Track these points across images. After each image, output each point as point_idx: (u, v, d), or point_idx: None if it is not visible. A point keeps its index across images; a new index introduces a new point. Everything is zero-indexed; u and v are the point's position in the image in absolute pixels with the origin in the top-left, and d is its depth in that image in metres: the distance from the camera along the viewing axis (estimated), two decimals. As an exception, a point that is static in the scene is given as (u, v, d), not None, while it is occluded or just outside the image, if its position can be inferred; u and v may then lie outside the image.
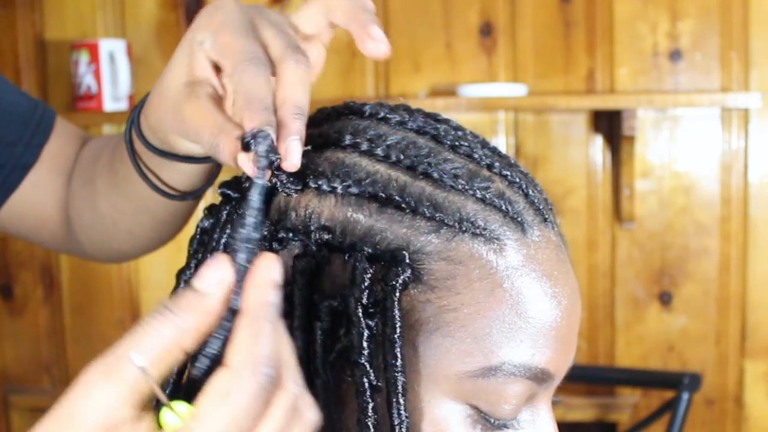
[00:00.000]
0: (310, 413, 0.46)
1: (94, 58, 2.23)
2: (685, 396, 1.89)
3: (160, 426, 0.44)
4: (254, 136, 0.51)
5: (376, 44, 0.57)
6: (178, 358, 0.44)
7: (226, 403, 0.43)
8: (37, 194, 0.90)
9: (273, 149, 0.51)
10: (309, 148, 0.58)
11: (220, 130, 0.55)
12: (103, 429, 0.42)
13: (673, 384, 1.93)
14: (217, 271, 0.45)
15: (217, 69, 0.59)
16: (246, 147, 0.52)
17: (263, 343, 0.44)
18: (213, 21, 0.58)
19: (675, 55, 2.27)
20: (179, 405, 0.44)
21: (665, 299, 2.32)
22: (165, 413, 0.43)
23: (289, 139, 0.53)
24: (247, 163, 0.53)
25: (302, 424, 0.45)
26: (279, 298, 0.46)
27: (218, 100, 0.59)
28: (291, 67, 0.56)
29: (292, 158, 0.53)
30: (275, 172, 0.56)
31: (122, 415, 0.43)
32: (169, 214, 0.81)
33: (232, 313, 0.45)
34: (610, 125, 2.28)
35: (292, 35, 0.59)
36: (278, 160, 0.52)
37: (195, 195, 0.76)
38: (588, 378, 2.15)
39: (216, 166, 0.74)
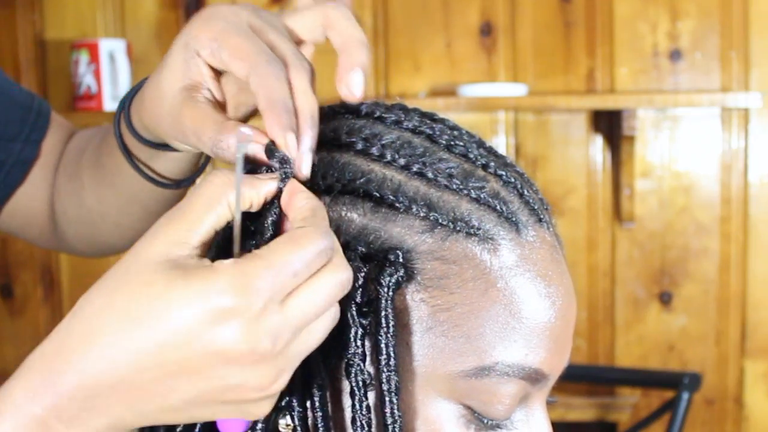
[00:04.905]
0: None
1: (94, 58, 2.23)
2: (685, 396, 1.89)
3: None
4: (282, 158, 0.53)
5: (349, 91, 0.57)
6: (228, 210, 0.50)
7: (294, 246, 0.48)
8: (30, 191, 0.90)
9: (290, 163, 0.54)
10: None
11: (222, 129, 0.55)
12: (160, 260, 0.47)
13: (673, 384, 1.93)
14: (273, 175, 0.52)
15: (215, 74, 0.59)
16: (269, 154, 0.53)
17: (323, 220, 0.50)
18: (211, 29, 0.57)
19: (675, 55, 2.27)
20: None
21: (665, 299, 2.32)
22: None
23: (304, 152, 0.54)
24: (258, 154, 0.53)
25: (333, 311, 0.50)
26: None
27: (216, 104, 0.59)
28: (300, 74, 0.56)
29: (304, 169, 0.54)
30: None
31: (182, 252, 0.48)
32: (158, 203, 0.81)
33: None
34: (610, 125, 2.28)
35: (292, 40, 0.59)
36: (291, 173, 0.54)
37: (189, 181, 0.76)
38: (588, 378, 2.15)
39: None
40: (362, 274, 0.54)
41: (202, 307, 0.46)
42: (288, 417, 0.56)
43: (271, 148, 0.53)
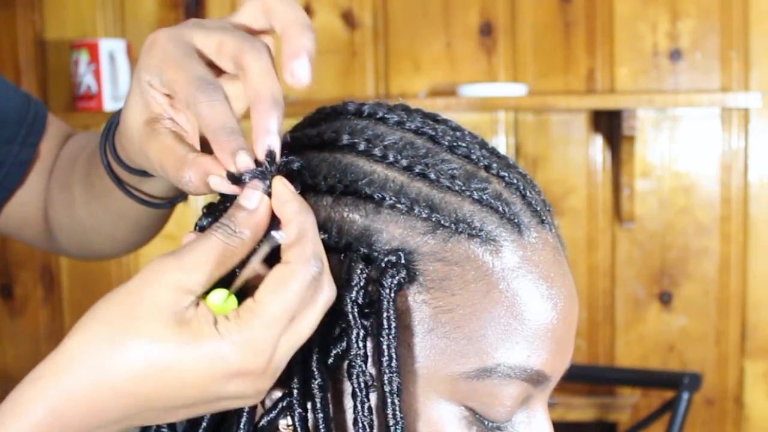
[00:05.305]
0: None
1: (94, 58, 2.23)
2: (685, 396, 1.89)
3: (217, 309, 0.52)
4: (253, 175, 0.53)
5: (295, 79, 0.55)
6: (234, 263, 0.52)
7: (283, 291, 0.50)
8: (26, 193, 0.90)
9: (264, 174, 0.53)
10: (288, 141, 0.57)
11: (182, 164, 0.55)
12: (168, 314, 0.49)
13: (673, 384, 1.93)
14: (258, 191, 0.52)
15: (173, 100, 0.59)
16: (237, 182, 0.53)
17: (310, 244, 0.51)
18: (154, 58, 0.57)
19: (675, 55, 2.27)
20: (219, 292, 0.52)
21: (665, 299, 2.32)
22: (211, 296, 0.51)
23: (266, 139, 0.53)
24: (221, 185, 0.53)
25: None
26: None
27: (178, 134, 0.58)
28: (253, 57, 0.54)
29: (273, 150, 0.53)
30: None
31: (185, 304, 0.50)
32: (150, 218, 0.81)
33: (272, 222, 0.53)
34: (610, 125, 2.28)
35: (240, 30, 0.57)
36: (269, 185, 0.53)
37: (183, 198, 0.76)
38: (588, 378, 2.15)
39: None
40: (364, 276, 0.54)
41: (213, 372, 0.50)
42: (289, 418, 0.56)
43: (234, 176, 0.52)
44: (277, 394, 0.57)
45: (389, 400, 0.54)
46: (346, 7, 2.33)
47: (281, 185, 0.53)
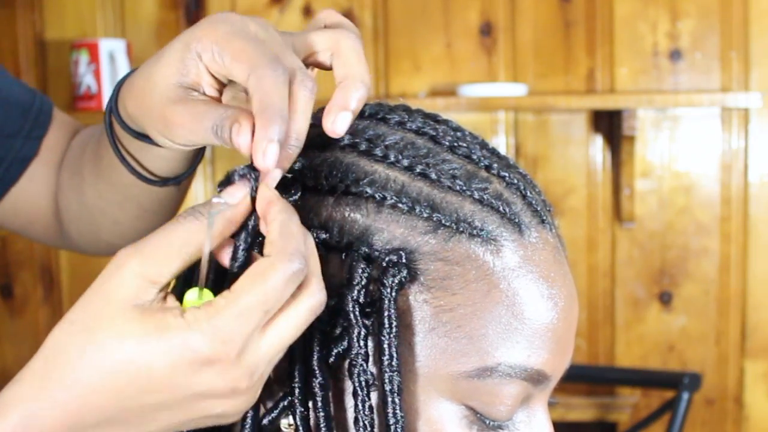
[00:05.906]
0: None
1: (94, 57, 2.23)
2: (685, 396, 1.89)
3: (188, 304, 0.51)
4: (244, 173, 0.53)
5: (333, 128, 0.56)
6: (199, 253, 0.51)
7: (260, 282, 0.48)
8: (33, 188, 0.89)
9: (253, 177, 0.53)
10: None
11: (229, 113, 0.54)
12: (130, 306, 0.48)
13: (673, 384, 1.94)
14: (245, 190, 0.52)
15: (218, 85, 0.59)
16: (229, 180, 0.53)
17: (292, 241, 0.50)
18: (216, 31, 0.56)
19: (675, 55, 2.27)
20: (194, 290, 0.51)
21: (665, 299, 2.32)
22: (187, 294, 0.50)
23: (270, 167, 0.52)
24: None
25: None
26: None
27: (212, 101, 0.58)
28: (301, 91, 0.54)
29: (269, 183, 0.53)
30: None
31: (149, 296, 0.49)
32: (153, 202, 0.80)
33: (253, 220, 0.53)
34: (610, 125, 2.28)
35: (297, 57, 0.57)
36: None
37: (176, 181, 0.76)
38: (588, 378, 2.15)
39: (198, 153, 0.73)
40: (365, 275, 0.54)
41: (180, 361, 0.48)
42: (290, 417, 0.56)
43: (229, 175, 0.53)
44: (279, 393, 0.57)
45: (390, 399, 0.54)
46: (346, 7, 2.33)
47: (265, 187, 0.52)
